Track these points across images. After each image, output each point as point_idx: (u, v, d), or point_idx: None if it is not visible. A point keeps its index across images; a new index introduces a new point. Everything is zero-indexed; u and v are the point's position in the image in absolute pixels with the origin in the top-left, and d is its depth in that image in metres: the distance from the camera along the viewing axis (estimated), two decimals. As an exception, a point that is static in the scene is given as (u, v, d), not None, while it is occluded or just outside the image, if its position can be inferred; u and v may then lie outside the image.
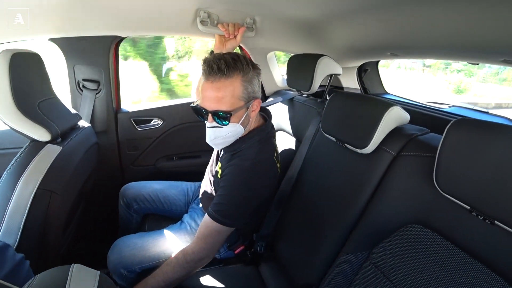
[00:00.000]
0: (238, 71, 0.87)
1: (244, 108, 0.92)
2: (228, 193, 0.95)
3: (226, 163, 1.01)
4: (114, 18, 1.23)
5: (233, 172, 0.97)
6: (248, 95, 0.91)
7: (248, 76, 0.90)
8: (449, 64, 3.71)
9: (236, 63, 0.87)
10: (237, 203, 0.95)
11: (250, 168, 0.95)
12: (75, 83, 1.47)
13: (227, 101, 0.88)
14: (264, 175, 0.99)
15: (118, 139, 1.65)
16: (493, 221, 0.56)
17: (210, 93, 0.88)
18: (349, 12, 1.13)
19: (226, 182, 0.97)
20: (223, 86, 0.87)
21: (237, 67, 0.87)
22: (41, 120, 0.92)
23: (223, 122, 0.90)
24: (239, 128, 0.94)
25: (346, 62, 1.70)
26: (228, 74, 0.86)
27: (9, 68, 0.83)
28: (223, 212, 0.93)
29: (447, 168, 0.63)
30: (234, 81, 0.87)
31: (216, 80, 0.86)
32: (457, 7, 0.83)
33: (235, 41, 1.21)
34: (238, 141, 0.99)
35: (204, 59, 0.88)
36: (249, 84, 0.91)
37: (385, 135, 0.84)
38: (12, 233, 0.82)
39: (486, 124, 0.60)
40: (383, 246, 0.79)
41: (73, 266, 0.50)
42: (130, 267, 1.07)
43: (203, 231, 0.96)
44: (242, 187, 0.95)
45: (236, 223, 0.97)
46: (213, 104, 0.88)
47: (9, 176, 0.86)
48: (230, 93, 0.88)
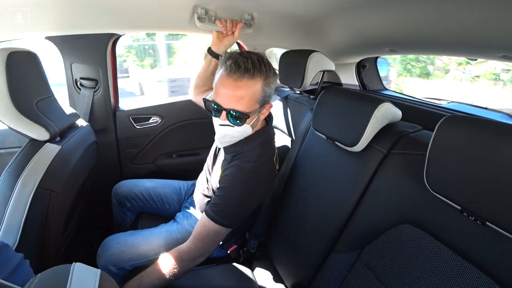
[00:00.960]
0: (262, 74, 0.87)
1: (258, 111, 0.92)
2: (227, 194, 0.95)
3: (227, 164, 1.01)
4: (111, 15, 1.22)
5: (233, 174, 0.96)
6: (265, 98, 0.91)
7: (269, 80, 0.90)
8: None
9: (261, 65, 0.87)
10: (236, 204, 0.95)
11: (250, 171, 0.95)
12: (72, 82, 1.47)
13: (246, 102, 0.87)
14: (264, 177, 0.99)
15: (117, 137, 1.65)
16: (485, 222, 0.55)
17: (231, 90, 0.86)
18: (347, 8, 1.12)
19: (226, 183, 0.97)
20: (246, 86, 0.86)
21: (262, 70, 0.87)
22: (39, 119, 0.91)
23: (237, 122, 0.89)
24: (248, 129, 0.94)
25: (345, 58, 1.69)
26: (253, 75, 0.85)
27: (5, 67, 0.83)
28: (222, 213, 0.93)
29: (437, 167, 0.62)
30: (256, 83, 0.87)
31: (240, 79, 0.85)
32: (456, 2, 0.82)
33: (233, 38, 1.20)
34: (240, 143, 0.99)
35: (230, 55, 0.87)
36: (268, 88, 0.90)
37: (376, 132, 0.83)
38: (12, 232, 0.82)
39: (479, 120, 0.58)
40: (374, 246, 0.78)
41: (74, 265, 0.50)
42: (120, 264, 1.08)
43: (199, 231, 0.96)
44: (242, 189, 0.95)
45: (234, 224, 0.97)
46: (231, 103, 0.87)
47: (8, 176, 0.86)
48: (250, 94, 0.87)
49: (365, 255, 0.80)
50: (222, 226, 0.93)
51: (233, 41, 1.22)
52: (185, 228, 1.18)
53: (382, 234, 0.77)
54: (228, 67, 0.85)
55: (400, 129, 0.83)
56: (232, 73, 0.85)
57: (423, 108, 1.34)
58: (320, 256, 0.91)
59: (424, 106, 1.40)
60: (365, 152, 0.85)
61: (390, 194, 0.76)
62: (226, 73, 0.86)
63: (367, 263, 0.79)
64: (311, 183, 1.03)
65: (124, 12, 1.21)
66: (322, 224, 0.93)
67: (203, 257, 0.97)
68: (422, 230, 0.69)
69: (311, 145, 1.10)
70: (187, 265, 0.96)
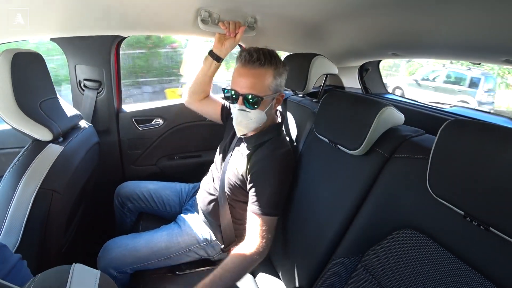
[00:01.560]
0: (272, 63, 1.00)
1: (271, 98, 1.04)
2: (265, 187, 1.02)
3: (251, 154, 1.08)
4: (115, 18, 1.23)
5: (264, 166, 1.04)
6: (276, 86, 1.04)
7: (279, 70, 1.03)
8: None
9: (272, 56, 1.01)
10: (275, 192, 1.03)
11: (280, 158, 1.05)
12: (76, 83, 1.48)
13: (259, 87, 0.99)
14: (291, 162, 1.09)
15: (119, 138, 1.65)
16: (488, 228, 0.54)
17: (245, 78, 1.00)
18: (350, 12, 1.12)
19: (259, 177, 1.03)
20: (258, 74, 0.99)
21: (272, 60, 1.00)
22: (43, 120, 0.92)
23: (253, 106, 1.00)
24: (263, 115, 1.04)
25: (347, 62, 1.70)
26: (264, 64, 0.98)
27: (10, 68, 0.84)
28: (267, 204, 1.00)
29: (440, 172, 0.61)
30: (267, 71, 1.00)
31: (254, 68, 0.98)
32: (459, 7, 0.82)
33: (234, 40, 1.21)
34: (260, 134, 1.10)
35: (244, 49, 1.03)
36: (279, 77, 1.03)
37: (378, 136, 0.83)
38: (14, 232, 0.83)
39: (482, 125, 0.58)
40: (375, 250, 0.77)
41: (74, 266, 0.50)
42: (121, 268, 1.08)
43: (258, 228, 1.00)
44: (276, 176, 1.03)
45: (280, 210, 1.05)
46: (246, 89, 0.99)
47: (11, 176, 0.87)
48: (262, 81, 1.00)
49: (366, 259, 0.79)
50: (272, 216, 1.01)
51: (234, 44, 1.23)
52: (186, 231, 1.18)
53: (384, 239, 0.76)
54: (243, 58, 1.00)
55: (402, 133, 0.83)
56: (246, 63, 0.99)
57: (426, 112, 1.33)
58: (322, 260, 0.90)
59: (427, 110, 1.39)
60: (367, 156, 0.84)
61: (392, 198, 0.76)
62: (241, 64, 1.01)
63: (369, 267, 0.78)
64: (313, 186, 1.03)
65: (128, 14, 1.22)
66: (323, 228, 0.92)
67: (268, 246, 1.01)
68: (424, 235, 0.68)
69: (313, 149, 1.09)
70: (258, 261, 1.00)
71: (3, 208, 0.84)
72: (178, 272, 1.13)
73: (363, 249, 0.80)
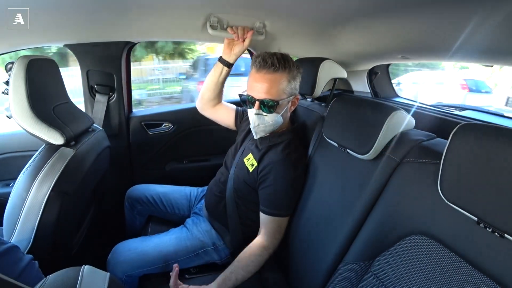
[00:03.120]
0: (286, 68, 1.02)
1: (286, 101, 1.05)
2: (278, 189, 1.05)
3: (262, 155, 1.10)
4: (126, 24, 1.25)
5: (277, 168, 1.05)
6: (291, 90, 1.05)
7: (293, 73, 1.04)
8: None
9: (285, 61, 1.02)
10: (288, 194, 1.06)
11: (294, 160, 1.07)
12: (88, 88, 1.51)
13: (275, 92, 1.01)
14: (303, 165, 1.12)
15: (130, 142, 1.68)
16: (503, 234, 0.52)
17: (261, 83, 1.01)
18: (359, 16, 1.12)
19: (273, 180, 1.05)
20: (273, 78, 1.01)
21: (286, 64, 1.02)
22: (56, 124, 0.94)
23: (270, 110, 1.03)
24: (279, 118, 1.06)
25: (356, 66, 1.68)
26: (279, 69, 1.00)
27: (25, 74, 0.86)
28: (279, 206, 1.05)
29: (452, 176, 0.60)
30: (282, 76, 1.01)
31: (269, 73, 1.00)
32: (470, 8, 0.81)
33: (243, 45, 1.21)
34: (275, 136, 1.12)
35: (258, 55, 1.04)
36: (293, 80, 1.05)
37: (389, 140, 0.82)
38: (26, 233, 0.85)
39: (495, 129, 0.56)
40: (385, 256, 0.76)
41: (84, 267, 0.51)
42: (130, 271, 1.08)
43: (270, 227, 1.06)
44: (289, 179, 1.06)
45: (291, 211, 1.09)
46: (262, 94, 1.01)
47: (24, 178, 0.89)
48: (277, 85, 1.01)
49: (376, 265, 0.78)
50: (283, 217, 1.06)
51: (243, 49, 1.23)
52: (195, 235, 1.19)
53: (395, 245, 0.74)
54: (257, 64, 1.02)
55: (413, 137, 0.81)
56: (261, 68, 1.01)
57: (437, 115, 1.31)
58: (330, 265, 0.89)
59: (438, 113, 1.36)
60: (377, 160, 0.83)
61: (403, 203, 0.74)
62: (256, 69, 1.03)
63: (378, 274, 0.76)
64: (322, 190, 1.02)
65: (139, 21, 1.24)
66: (332, 233, 0.91)
67: (276, 246, 1.07)
68: (436, 241, 0.66)
69: (323, 153, 1.09)
70: (267, 257, 1.04)
71: (16, 209, 0.86)
72: (187, 275, 1.13)
73: (373, 255, 0.79)
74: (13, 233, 0.85)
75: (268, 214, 1.05)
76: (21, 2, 0.86)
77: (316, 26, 1.32)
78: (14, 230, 0.85)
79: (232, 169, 1.18)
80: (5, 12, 0.86)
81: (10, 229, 0.86)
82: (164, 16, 1.20)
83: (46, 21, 1.08)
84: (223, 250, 1.18)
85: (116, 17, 1.17)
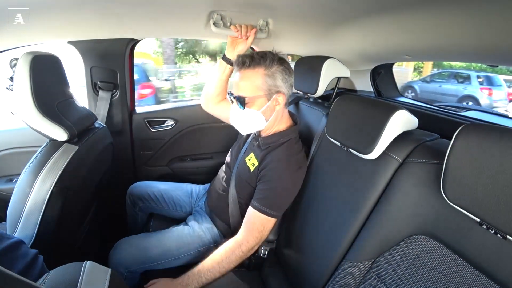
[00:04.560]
0: (261, 65, 1.01)
1: (264, 99, 1.03)
2: (275, 187, 1.03)
3: (264, 155, 1.09)
4: (130, 21, 1.26)
5: (278, 167, 1.04)
6: (269, 87, 1.02)
7: (270, 70, 1.02)
8: None
9: (261, 59, 1.02)
10: (284, 195, 1.05)
11: (295, 162, 1.07)
12: (91, 85, 1.52)
13: (247, 89, 1.02)
14: (303, 168, 1.10)
15: (132, 139, 1.68)
16: (506, 236, 0.52)
17: (236, 80, 1.05)
18: (363, 15, 1.11)
19: (271, 177, 1.04)
20: (247, 75, 1.02)
21: (261, 62, 1.01)
22: (59, 120, 0.95)
23: (241, 106, 1.03)
24: (259, 115, 1.04)
25: (360, 65, 1.67)
26: (251, 67, 1.01)
27: (29, 70, 0.87)
28: (271, 204, 1.02)
29: (455, 177, 0.59)
30: (255, 73, 1.01)
31: (241, 71, 1.03)
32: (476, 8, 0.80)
33: (246, 43, 1.21)
34: (276, 135, 1.11)
35: (238, 55, 1.06)
36: (270, 77, 1.02)
37: (391, 140, 0.81)
38: (29, 228, 0.85)
39: (500, 129, 0.56)
40: (387, 256, 0.76)
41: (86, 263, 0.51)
42: (131, 267, 1.09)
43: (252, 222, 1.03)
44: (288, 180, 1.05)
45: (280, 213, 1.05)
46: (237, 90, 1.04)
47: (28, 173, 0.90)
48: (249, 82, 1.02)
49: (377, 265, 0.78)
50: (271, 216, 1.02)
51: (246, 47, 1.23)
52: (196, 232, 1.19)
53: (396, 245, 0.74)
54: (235, 63, 1.06)
55: (416, 137, 0.81)
56: (237, 67, 1.04)
57: (441, 116, 1.30)
58: (331, 264, 0.89)
59: (442, 114, 1.35)
60: (380, 160, 0.83)
61: (405, 203, 0.74)
62: (234, 69, 1.07)
63: (380, 274, 0.76)
64: (324, 190, 1.02)
65: (143, 18, 1.24)
66: (333, 232, 0.91)
67: (258, 245, 1.04)
68: (438, 242, 0.66)
69: (325, 152, 1.08)
70: (246, 255, 1.03)
71: (20, 204, 0.87)
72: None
73: (374, 255, 0.79)
74: (16, 228, 0.86)
75: (256, 209, 1.02)
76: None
77: (319, 25, 1.32)
78: (17, 225, 0.86)
79: (234, 168, 1.18)
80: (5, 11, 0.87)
81: (13, 224, 0.87)
82: (167, 13, 1.21)
83: (50, 18, 1.08)
84: None
85: (120, 14, 1.18)
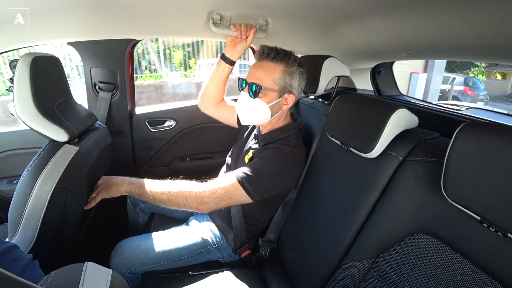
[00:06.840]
0: (282, 61, 1.03)
1: (277, 94, 1.04)
2: (263, 167, 1.01)
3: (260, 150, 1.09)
4: (130, 22, 1.26)
5: (271, 152, 1.05)
6: (284, 84, 1.04)
7: (291, 69, 1.03)
8: None
9: (285, 55, 1.03)
10: (268, 177, 1.01)
11: (289, 152, 1.06)
12: (91, 85, 1.52)
13: (264, 79, 1.02)
14: (298, 163, 1.09)
15: (133, 140, 1.68)
16: (506, 234, 0.52)
17: (255, 69, 1.05)
18: (363, 13, 1.11)
19: (263, 157, 1.04)
20: (267, 67, 1.03)
21: (284, 59, 1.03)
22: (59, 121, 0.95)
23: (254, 95, 1.03)
24: (266, 109, 1.04)
25: (360, 63, 1.67)
26: (273, 60, 1.02)
27: (29, 71, 0.87)
28: (252, 181, 0.99)
29: (455, 175, 0.60)
30: (277, 66, 1.03)
31: (265, 61, 1.03)
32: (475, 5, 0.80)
33: (245, 43, 1.21)
34: (275, 132, 1.11)
35: (262, 46, 1.06)
36: (289, 76, 1.04)
37: (392, 139, 0.81)
38: (31, 229, 0.85)
39: (500, 127, 0.56)
40: (387, 255, 0.76)
41: (87, 264, 0.51)
42: (132, 268, 1.09)
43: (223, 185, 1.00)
44: (278, 165, 1.03)
45: (256, 197, 1.00)
46: (252, 78, 1.04)
47: (28, 175, 0.90)
48: (269, 74, 1.02)
49: (378, 264, 0.78)
50: (245, 191, 0.99)
51: (246, 46, 1.22)
52: (197, 233, 1.19)
53: (397, 244, 0.74)
54: (258, 53, 1.06)
55: (416, 136, 0.81)
56: (259, 57, 1.05)
57: (441, 114, 1.30)
58: (332, 263, 0.89)
59: (442, 112, 1.35)
60: (380, 158, 0.83)
61: (406, 202, 0.74)
62: (256, 58, 1.08)
63: (381, 272, 0.76)
64: (325, 189, 1.02)
65: (142, 18, 1.24)
66: (334, 231, 0.91)
67: (210, 209, 1.01)
68: (439, 240, 0.66)
69: (325, 151, 1.08)
70: (195, 206, 1.00)
71: (21, 205, 0.87)
72: (191, 272, 1.14)
73: (375, 253, 0.79)
74: (17, 229, 0.86)
75: (238, 180, 0.99)
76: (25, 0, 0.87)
77: (319, 24, 1.31)
78: (19, 226, 0.86)
79: (236, 167, 1.18)
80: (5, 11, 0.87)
81: (14, 225, 0.87)
82: (166, 13, 1.20)
83: (50, 18, 1.08)
84: (226, 249, 1.18)
85: (119, 15, 1.18)
